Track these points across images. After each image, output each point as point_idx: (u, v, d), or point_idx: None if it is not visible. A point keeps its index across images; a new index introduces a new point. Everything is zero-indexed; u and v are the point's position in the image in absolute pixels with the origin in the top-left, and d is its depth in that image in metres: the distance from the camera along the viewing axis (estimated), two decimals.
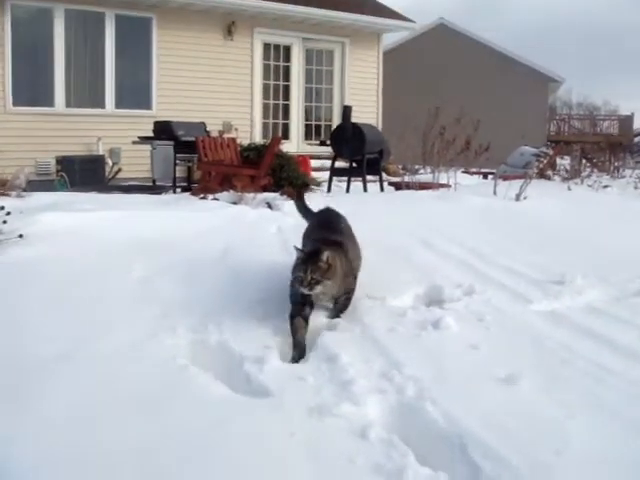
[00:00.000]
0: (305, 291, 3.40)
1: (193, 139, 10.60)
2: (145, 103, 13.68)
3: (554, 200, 8.03)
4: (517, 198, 7.67)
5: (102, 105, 13.25)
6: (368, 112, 15.60)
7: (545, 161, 11.30)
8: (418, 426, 2.55)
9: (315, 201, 7.63)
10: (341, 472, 2.25)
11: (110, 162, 12.95)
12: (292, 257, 3.60)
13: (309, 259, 3.42)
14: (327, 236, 3.80)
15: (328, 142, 11.69)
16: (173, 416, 2.56)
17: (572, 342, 3.48)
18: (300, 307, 3.50)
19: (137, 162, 12.66)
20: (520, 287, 4.38)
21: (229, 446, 2.36)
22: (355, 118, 11.39)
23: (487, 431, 2.46)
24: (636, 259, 5.35)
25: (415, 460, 2.31)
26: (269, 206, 6.83)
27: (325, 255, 3.42)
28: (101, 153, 12.87)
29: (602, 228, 6.67)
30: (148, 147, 12.08)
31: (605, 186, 10.17)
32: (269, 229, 5.62)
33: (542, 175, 11.09)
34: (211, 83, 13.90)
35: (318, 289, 3.41)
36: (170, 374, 2.93)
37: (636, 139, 29.53)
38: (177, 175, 11.67)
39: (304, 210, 4.58)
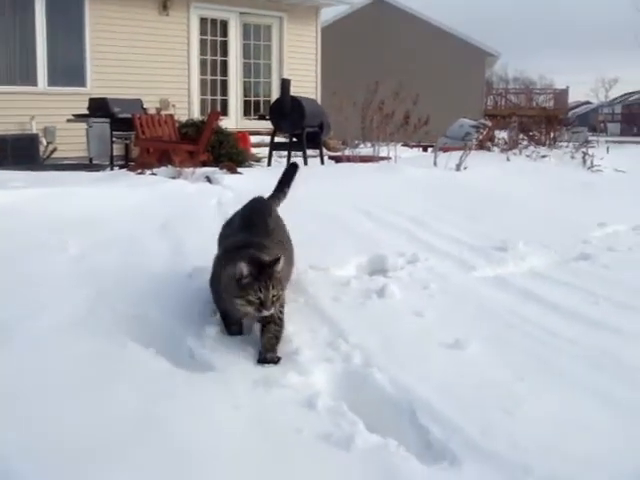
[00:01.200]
0: (269, 312, 2.74)
1: (130, 116, 10.38)
2: (79, 80, 13.30)
3: (494, 170, 8.11)
4: (457, 168, 7.71)
5: (34, 83, 12.84)
6: (307, 87, 15.47)
7: (484, 132, 11.39)
8: (366, 394, 2.51)
9: (255, 175, 7.58)
10: (289, 443, 2.19)
11: (45, 141, 12.59)
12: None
13: (264, 274, 2.74)
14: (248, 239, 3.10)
15: (267, 116, 11.55)
16: (112, 394, 2.46)
17: (517, 306, 3.50)
18: (238, 327, 3.01)
19: (73, 141, 12.33)
20: (463, 254, 4.39)
21: (171, 422, 2.28)
22: (294, 94, 11.27)
23: (436, 396, 2.43)
24: (576, 225, 5.44)
25: (364, 428, 2.26)
26: (209, 180, 6.72)
27: (281, 263, 2.80)
28: (35, 132, 12.50)
29: (542, 196, 6.75)
30: (84, 125, 11.77)
31: (543, 156, 10.30)
32: (209, 202, 5.52)
33: (481, 146, 11.19)
34: (147, 59, 13.59)
35: (277, 305, 2.81)
36: (109, 351, 2.82)
37: (571, 112, 30.02)
38: (114, 153, 11.41)
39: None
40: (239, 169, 7.90)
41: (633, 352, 2.96)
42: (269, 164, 10.46)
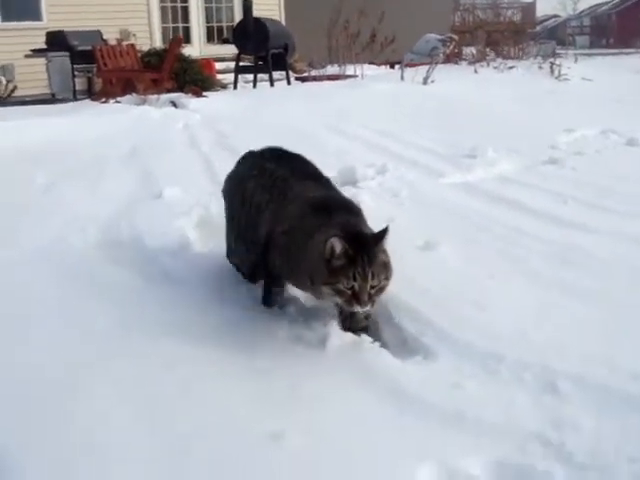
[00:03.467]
0: (363, 309, 2.06)
1: (90, 48, 10.16)
2: (34, 14, 12.86)
3: (462, 82, 8.08)
4: (424, 82, 7.68)
5: None
6: (271, 10, 15.15)
7: (452, 46, 11.30)
8: None
9: (220, 98, 7.50)
10: (261, 345, 2.21)
11: (3, 80, 12.27)
12: (202, 149, 3.43)
13: (362, 254, 2.02)
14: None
15: (231, 39, 11.35)
16: (89, 312, 2.47)
17: (487, 209, 3.54)
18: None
19: (33, 78, 12.02)
20: (433, 163, 4.41)
21: (148, 336, 2.28)
22: (257, 16, 11.04)
23: (409, 294, 2.47)
24: (544, 131, 5.46)
25: (339, 328, 2.28)
26: (174, 105, 6.66)
27: (388, 236, 2.12)
28: None
29: (510, 105, 6.75)
30: (43, 61, 11.49)
31: (510, 67, 10.27)
32: (176, 126, 5.47)
33: (449, 60, 11.10)
34: None
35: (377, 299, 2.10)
36: (82, 273, 2.82)
37: (540, 26, 29.77)
38: (77, 87, 11.19)
39: None
40: (205, 93, 7.80)
41: (600, 247, 3.00)
42: (235, 87, 10.36)
